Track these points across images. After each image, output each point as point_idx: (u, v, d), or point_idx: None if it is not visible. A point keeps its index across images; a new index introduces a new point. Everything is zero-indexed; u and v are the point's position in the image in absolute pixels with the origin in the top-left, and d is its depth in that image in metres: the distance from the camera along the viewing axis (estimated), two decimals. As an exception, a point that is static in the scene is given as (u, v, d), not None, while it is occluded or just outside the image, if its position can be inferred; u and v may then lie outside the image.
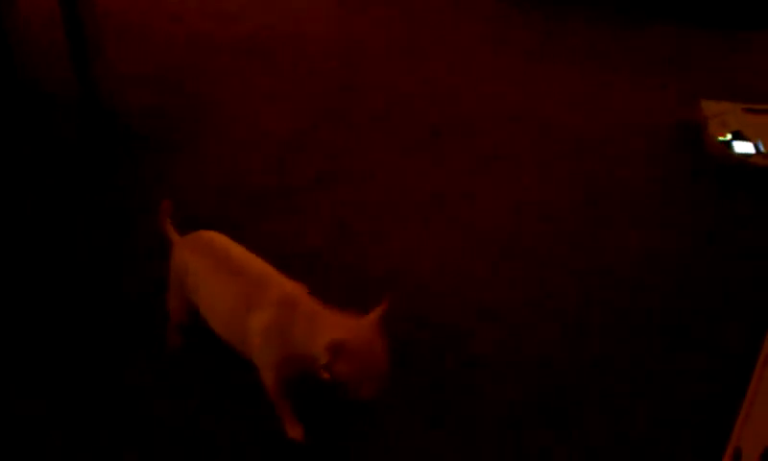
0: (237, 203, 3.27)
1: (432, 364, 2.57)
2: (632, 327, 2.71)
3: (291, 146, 3.60)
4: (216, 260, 2.27)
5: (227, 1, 5.07)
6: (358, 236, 3.10)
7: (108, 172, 3.44)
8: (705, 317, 2.73)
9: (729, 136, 3.42)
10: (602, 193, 3.32)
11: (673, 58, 4.20)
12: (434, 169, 3.46)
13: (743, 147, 3.41)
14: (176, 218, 2.47)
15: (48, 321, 2.69)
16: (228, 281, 2.22)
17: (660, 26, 4.47)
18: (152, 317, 2.60)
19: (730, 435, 2.21)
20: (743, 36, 4.34)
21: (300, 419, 2.28)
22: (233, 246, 2.33)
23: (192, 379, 2.47)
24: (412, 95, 3.94)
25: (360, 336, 2.01)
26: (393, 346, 2.60)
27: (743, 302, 2.78)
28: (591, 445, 2.32)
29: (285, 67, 4.21)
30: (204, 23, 4.78)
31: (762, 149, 3.37)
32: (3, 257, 2.97)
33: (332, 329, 2.01)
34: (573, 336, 2.68)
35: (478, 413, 2.40)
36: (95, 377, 2.49)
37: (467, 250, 3.04)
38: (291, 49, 4.40)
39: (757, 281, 2.85)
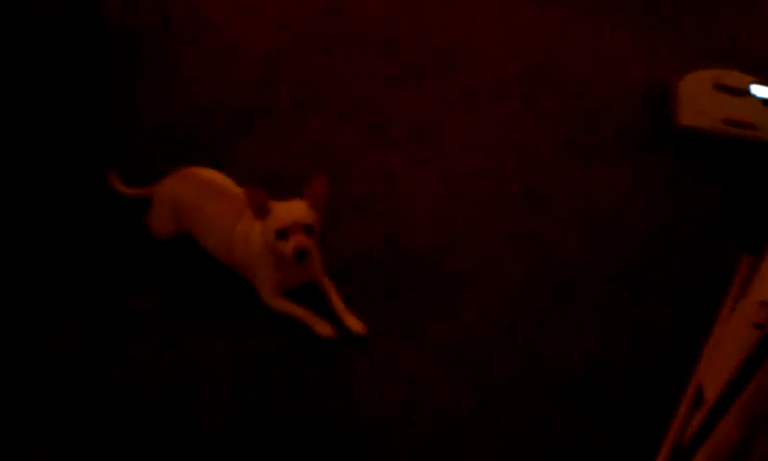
0: (217, 122, 3.25)
1: (405, 284, 2.63)
2: (602, 258, 2.78)
3: (272, 67, 3.56)
4: (205, 189, 2.59)
5: None
6: (338, 159, 3.11)
7: (89, 88, 3.41)
8: (672, 261, 2.82)
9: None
10: (583, 137, 3.33)
11: (677, 14, 4.16)
12: (416, 100, 3.44)
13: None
14: (159, 137, 2.47)
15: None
16: (218, 205, 2.54)
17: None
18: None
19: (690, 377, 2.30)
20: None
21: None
22: (215, 174, 2.65)
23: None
24: (396, 25, 3.90)
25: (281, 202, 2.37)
26: (368, 266, 2.65)
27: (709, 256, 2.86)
28: (557, 371, 2.41)
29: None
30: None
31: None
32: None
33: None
34: (546, 266, 2.74)
35: (452, 332, 2.48)
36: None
37: (444, 180, 3.07)
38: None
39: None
